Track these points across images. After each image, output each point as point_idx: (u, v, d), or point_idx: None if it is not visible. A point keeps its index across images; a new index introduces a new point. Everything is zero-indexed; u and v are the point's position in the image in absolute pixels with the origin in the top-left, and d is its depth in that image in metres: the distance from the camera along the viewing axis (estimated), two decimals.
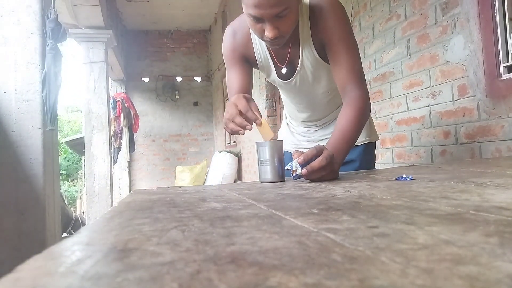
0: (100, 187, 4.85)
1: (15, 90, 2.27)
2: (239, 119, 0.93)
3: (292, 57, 1.19)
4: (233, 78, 1.24)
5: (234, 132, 0.95)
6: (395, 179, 0.80)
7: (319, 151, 0.88)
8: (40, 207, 2.25)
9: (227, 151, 6.93)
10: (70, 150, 13.07)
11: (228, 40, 1.24)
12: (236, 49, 1.23)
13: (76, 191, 11.88)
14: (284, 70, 1.21)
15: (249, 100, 0.97)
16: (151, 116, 8.63)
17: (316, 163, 0.86)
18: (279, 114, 5.02)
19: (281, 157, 0.95)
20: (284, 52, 1.18)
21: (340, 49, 1.12)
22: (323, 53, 1.16)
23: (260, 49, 1.21)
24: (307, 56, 1.18)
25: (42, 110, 2.30)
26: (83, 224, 4.84)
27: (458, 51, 1.87)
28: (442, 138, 2.00)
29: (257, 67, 1.27)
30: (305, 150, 1.46)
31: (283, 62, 1.20)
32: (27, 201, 2.23)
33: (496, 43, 1.66)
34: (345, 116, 1.07)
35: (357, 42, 1.24)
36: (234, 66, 1.24)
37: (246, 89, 1.22)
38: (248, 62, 1.25)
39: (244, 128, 0.93)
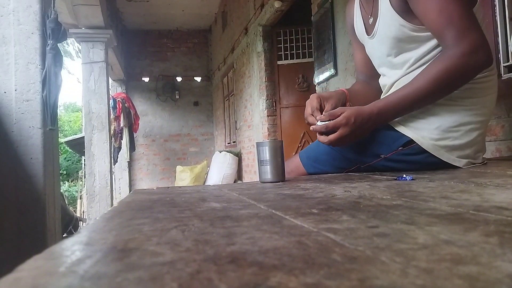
0: (100, 187, 4.85)
1: (15, 90, 2.27)
2: (310, 119, 1.01)
3: (377, 9, 1.07)
4: (354, 54, 1.31)
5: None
6: (395, 179, 0.80)
7: (342, 112, 0.92)
8: (40, 207, 2.25)
9: (227, 151, 6.93)
10: (70, 150, 13.07)
11: (346, 18, 1.30)
12: (349, 22, 1.27)
13: (76, 191, 11.88)
14: (370, 20, 1.13)
15: (323, 100, 1.04)
16: (151, 116, 8.63)
17: (331, 123, 0.92)
18: (279, 114, 5.02)
19: (281, 157, 0.95)
20: (369, 4, 1.13)
21: None
22: (404, 6, 0.97)
23: (354, 10, 1.21)
24: (385, 8, 1.03)
25: (42, 110, 2.30)
26: (79, 224, 4.83)
27: None
28: None
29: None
30: None
31: (370, 13, 1.13)
32: (27, 201, 2.22)
33: (496, 43, 1.66)
34: (422, 73, 0.92)
35: None
36: (353, 41, 1.29)
37: (364, 64, 1.26)
38: None
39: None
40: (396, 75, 1.09)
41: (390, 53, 1.07)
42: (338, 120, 0.92)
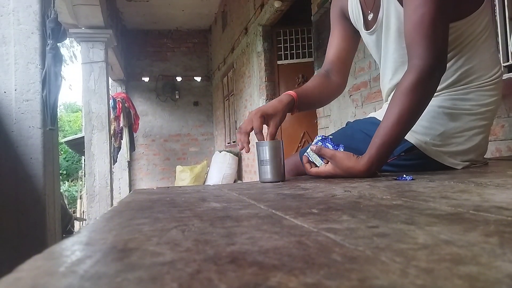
0: (100, 187, 4.85)
1: (15, 90, 2.27)
2: (241, 137, 0.95)
3: (378, 4, 1.03)
4: (330, 41, 1.21)
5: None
6: (395, 179, 0.80)
7: (331, 158, 0.88)
8: (40, 207, 2.25)
9: (227, 151, 6.93)
10: (70, 150, 13.08)
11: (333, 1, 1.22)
12: (337, 4, 1.20)
13: (76, 191, 11.89)
14: (370, 16, 1.08)
15: (267, 118, 0.96)
16: (151, 116, 8.63)
17: (313, 170, 0.94)
18: None
19: (281, 157, 0.94)
20: None
21: None
22: None
23: None
24: (390, 2, 0.99)
25: (42, 110, 2.30)
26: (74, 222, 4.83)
27: None
28: None
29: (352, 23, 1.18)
30: None
31: (370, 8, 1.08)
32: (27, 201, 2.22)
33: (496, 43, 1.66)
34: (393, 100, 0.86)
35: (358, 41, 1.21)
36: (334, 26, 1.21)
37: (338, 54, 1.18)
38: (348, 20, 1.18)
39: (241, 148, 0.95)
40: (392, 71, 1.07)
41: (390, 49, 1.05)
42: (333, 151, 0.89)
